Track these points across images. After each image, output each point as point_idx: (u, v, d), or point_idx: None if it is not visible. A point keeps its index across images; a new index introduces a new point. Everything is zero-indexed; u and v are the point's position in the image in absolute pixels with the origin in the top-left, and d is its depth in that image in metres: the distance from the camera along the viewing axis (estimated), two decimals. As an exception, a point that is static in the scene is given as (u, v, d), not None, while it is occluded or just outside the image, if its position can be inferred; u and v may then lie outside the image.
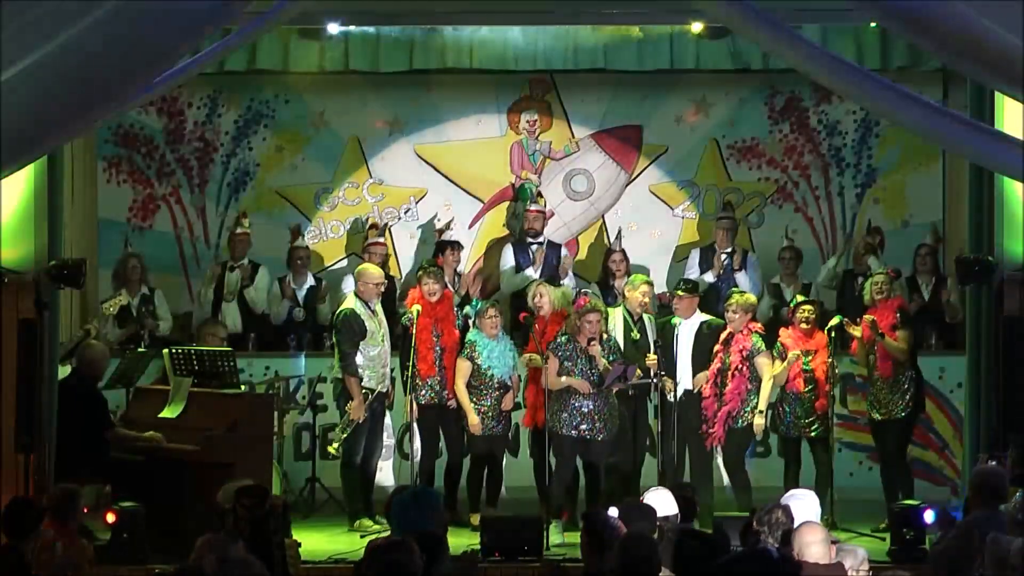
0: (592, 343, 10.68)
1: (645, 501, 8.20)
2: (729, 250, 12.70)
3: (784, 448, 11.43)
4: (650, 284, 11.45)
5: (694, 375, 11.16)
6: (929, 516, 9.88)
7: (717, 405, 10.97)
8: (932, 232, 12.88)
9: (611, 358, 10.76)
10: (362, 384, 11.05)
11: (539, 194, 13.26)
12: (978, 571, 7.67)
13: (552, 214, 13.48)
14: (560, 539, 10.49)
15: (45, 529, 7.99)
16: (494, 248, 13.41)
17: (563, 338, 10.81)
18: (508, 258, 12.87)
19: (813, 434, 11.16)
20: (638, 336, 11.17)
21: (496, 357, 11.17)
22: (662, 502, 8.20)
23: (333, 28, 12.09)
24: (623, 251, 12.47)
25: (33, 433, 9.95)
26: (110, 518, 9.63)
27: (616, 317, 11.21)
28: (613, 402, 10.84)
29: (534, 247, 12.73)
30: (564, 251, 12.94)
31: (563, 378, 10.71)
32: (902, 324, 11.14)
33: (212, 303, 12.73)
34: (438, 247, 12.64)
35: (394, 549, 6.32)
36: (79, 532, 8.44)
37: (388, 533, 10.02)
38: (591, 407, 10.72)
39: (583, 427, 10.71)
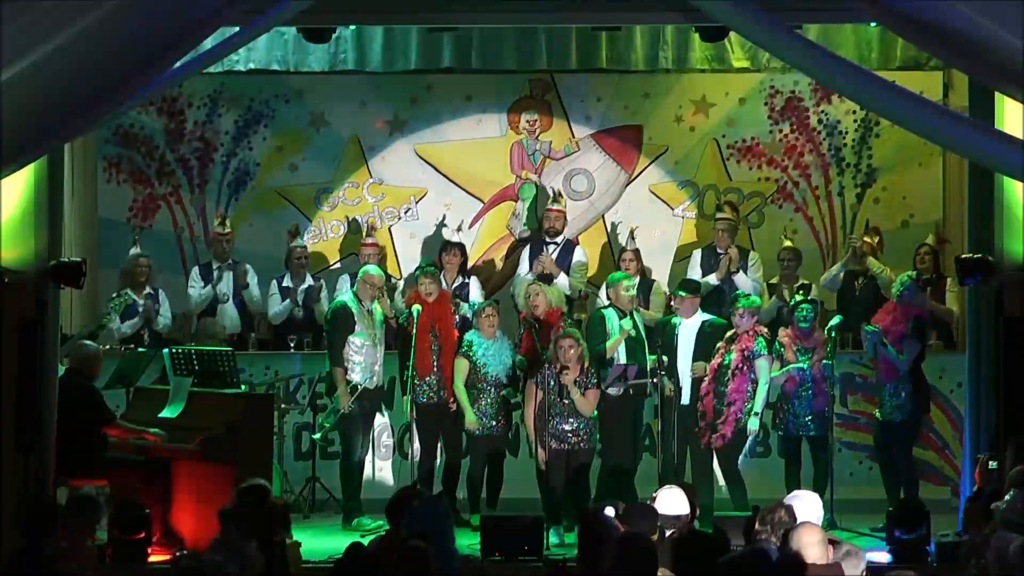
0: (565, 373, 10.64)
1: (657, 500, 8.21)
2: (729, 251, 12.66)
3: (784, 448, 11.43)
4: (631, 279, 11.45)
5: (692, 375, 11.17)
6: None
7: (715, 401, 10.98)
8: (934, 232, 12.87)
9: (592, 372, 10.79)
10: (348, 377, 11.12)
11: (560, 194, 13.21)
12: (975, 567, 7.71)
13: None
14: (559, 540, 10.49)
15: (53, 529, 7.99)
16: (515, 250, 13.35)
17: (543, 371, 10.78)
18: (524, 259, 12.82)
19: (812, 433, 11.17)
20: (634, 333, 11.18)
21: (492, 356, 11.18)
22: (674, 501, 8.20)
23: (345, 29, 12.07)
24: (635, 251, 12.45)
25: (33, 433, 9.94)
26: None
27: (612, 318, 11.21)
28: (591, 420, 10.83)
29: (550, 247, 12.67)
30: (578, 251, 12.85)
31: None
32: (912, 336, 11.14)
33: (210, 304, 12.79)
34: (441, 248, 12.62)
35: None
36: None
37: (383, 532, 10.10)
38: (573, 426, 10.73)
39: (566, 441, 10.72)
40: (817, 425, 11.15)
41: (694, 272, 12.58)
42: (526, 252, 12.86)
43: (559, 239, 12.73)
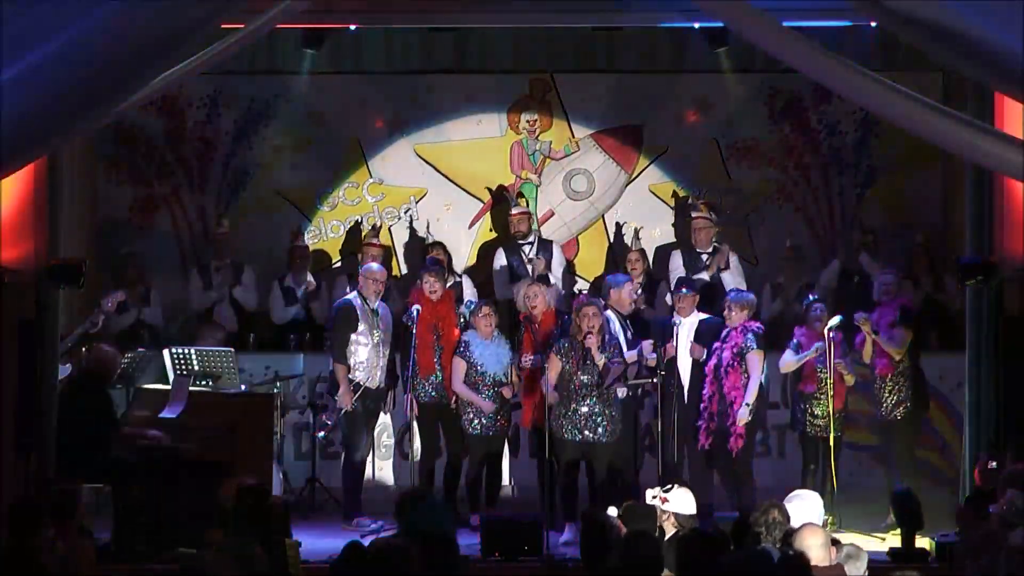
0: (589, 335, 10.64)
1: (671, 500, 8.21)
2: (710, 250, 12.64)
3: (803, 448, 11.40)
4: (629, 284, 11.44)
5: (692, 374, 11.17)
6: None
7: (720, 402, 10.99)
8: (923, 232, 12.90)
9: (612, 356, 10.74)
10: (351, 377, 11.11)
11: (520, 195, 13.25)
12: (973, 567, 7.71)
13: (552, 213, 13.47)
14: (572, 536, 10.46)
15: (45, 529, 7.98)
16: (487, 252, 13.36)
17: (564, 341, 10.78)
18: (500, 262, 12.84)
19: (829, 434, 11.13)
20: (632, 336, 11.17)
21: (490, 356, 11.16)
22: (686, 500, 8.21)
23: (351, 28, 12.07)
24: (641, 251, 12.44)
25: (33, 433, 9.95)
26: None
27: (613, 319, 11.20)
28: (613, 403, 10.83)
29: (525, 248, 12.69)
30: (556, 250, 12.87)
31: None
32: (901, 323, 11.14)
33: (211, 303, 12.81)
34: (425, 249, 12.65)
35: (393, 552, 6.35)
36: (79, 532, 8.43)
37: (385, 532, 10.09)
38: (589, 409, 10.71)
39: (585, 431, 10.69)
40: (836, 425, 11.10)
41: (677, 272, 12.58)
42: (500, 254, 12.86)
43: (531, 239, 12.74)
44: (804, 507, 7.85)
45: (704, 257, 12.57)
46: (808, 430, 11.22)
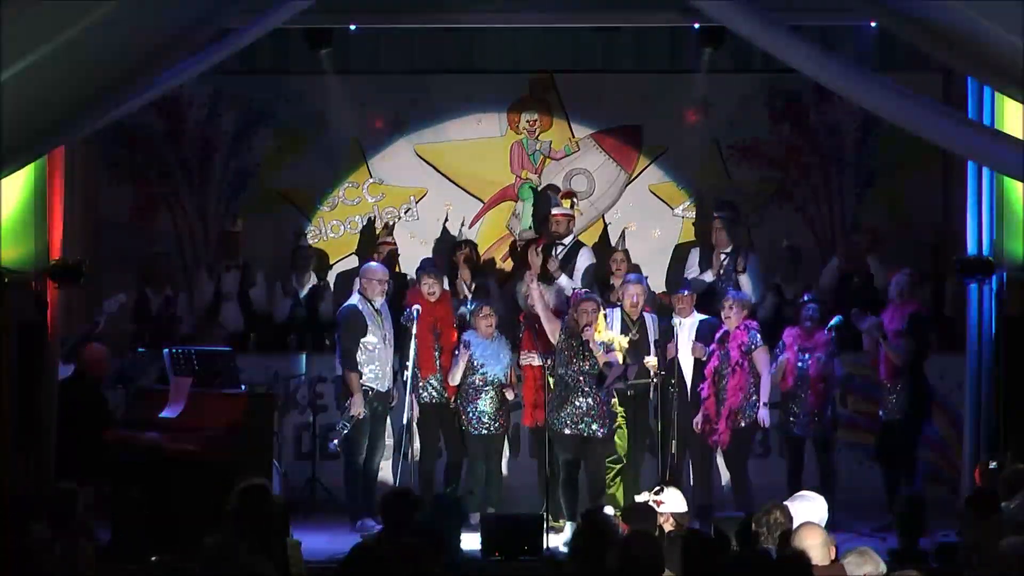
0: (587, 328, 10.62)
1: (665, 500, 8.21)
2: (729, 249, 12.66)
3: (785, 448, 11.43)
4: (637, 284, 11.41)
5: (694, 374, 11.17)
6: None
7: (716, 404, 10.99)
8: (934, 232, 12.89)
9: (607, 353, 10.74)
10: (362, 381, 11.07)
11: (566, 194, 13.23)
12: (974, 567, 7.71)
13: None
14: (564, 538, 10.47)
15: (44, 529, 7.98)
16: (517, 250, 13.33)
17: (562, 336, 10.79)
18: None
19: (811, 434, 11.15)
20: (636, 336, 11.16)
21: (490, 356, 11.16)
22: (679, 499, 8.21)
23: (351, 28, 12.07)
24: (625, 251, 12.44)
25: (33, 433, 9.94)
26: None
27: (615, 318, 11.21)
28: (611, 400, 10.82)
29: (557, 249, 12.66)
30: (583, 254, 12.79)
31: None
32: (908, 331, 11.14)
33: (211, 303, 12.78)
34: (454, 247, 12.65)
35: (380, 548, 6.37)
36: (79, 532, 8.43)
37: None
38: (587, 404, 10.69)
39: (581, 425, 10.69)
40: (816, 426, 11.14)
41: (692, 271, 12.59)
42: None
43: (566, 241, 12.70)
44: (808, 508, 7.83)
45: (722, 256, 12.57)
46: (791, 430, 11.22)
